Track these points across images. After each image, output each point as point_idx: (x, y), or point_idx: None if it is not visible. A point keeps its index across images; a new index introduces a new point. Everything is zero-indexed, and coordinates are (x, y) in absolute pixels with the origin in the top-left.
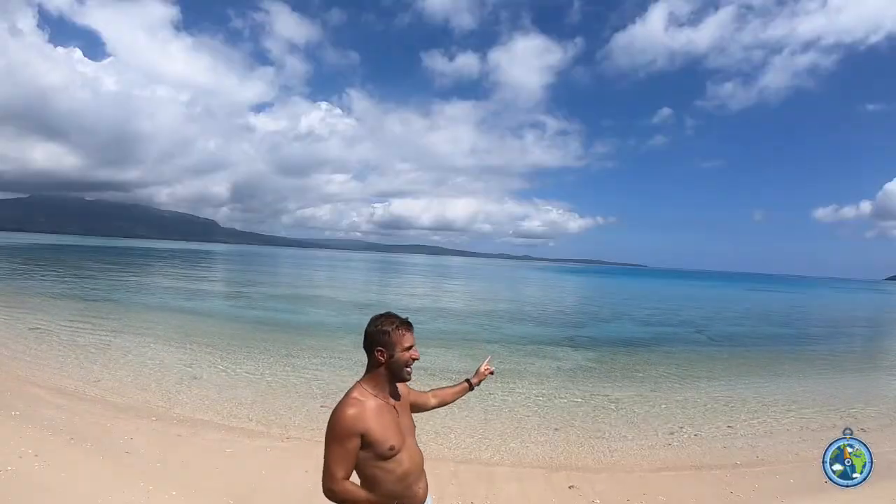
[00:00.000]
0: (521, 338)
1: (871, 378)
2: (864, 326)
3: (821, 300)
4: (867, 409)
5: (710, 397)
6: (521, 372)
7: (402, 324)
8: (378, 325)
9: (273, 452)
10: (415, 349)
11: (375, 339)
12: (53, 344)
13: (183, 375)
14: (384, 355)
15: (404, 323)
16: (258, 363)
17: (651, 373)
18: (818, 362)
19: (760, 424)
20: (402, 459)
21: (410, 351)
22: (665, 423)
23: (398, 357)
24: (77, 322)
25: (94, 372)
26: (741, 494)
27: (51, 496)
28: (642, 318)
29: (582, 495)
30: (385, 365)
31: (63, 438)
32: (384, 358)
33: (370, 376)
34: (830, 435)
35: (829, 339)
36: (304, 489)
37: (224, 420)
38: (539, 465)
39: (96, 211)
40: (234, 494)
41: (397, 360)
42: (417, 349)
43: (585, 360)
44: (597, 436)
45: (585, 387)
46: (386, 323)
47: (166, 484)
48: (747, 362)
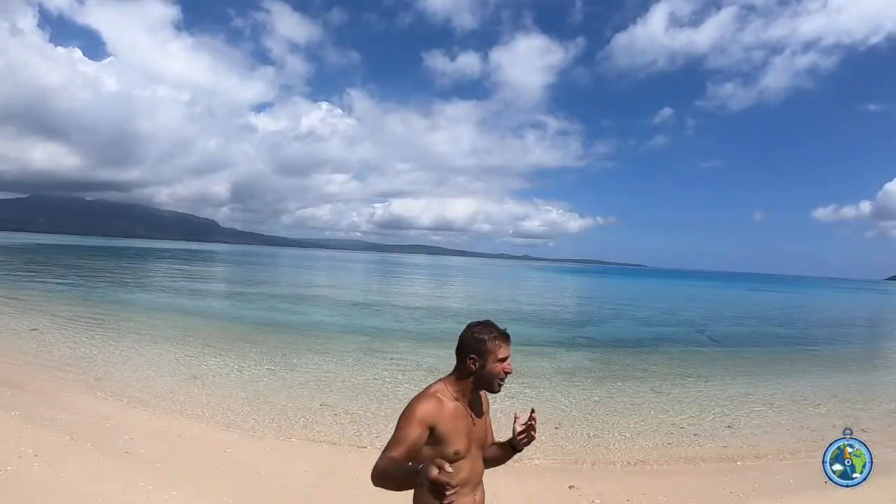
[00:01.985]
0: (521, 338)
1: (872, 378)
2: (863, 326)
3: (821, 300)
4: (867, 409)
5: (709, 397)
6: (521, 372)
7: (500, 335)
8: (474, 332)
9: (273, 452)
10: (509, 362)
11: (469, 347)
12: (53, 344)
13: (183, 375)
14: (476, 364)
15: (502, 334)
16: (258, 363)
17: (651, 373)
18: (818, 362)
19: (760, 424)
20: (463, 466)
21: (504, 364)
22: (665, 423)
23: (490, 368)
24: (77, 322)
25: (94, 372)
26: (741, 494)
27: (51, 496)
28: (642, 318)
29: (582, 495)
30: (475, 373)
31: (63, 438)
32: (475, 367)
33: (455, 379)
34: (830, 435)
35: (828, 338)
36: (304, 489)
37: (224, 420)
38: (539, 465)
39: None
40: (233, 494)
41: (489, 371)
42: (511, 362)
43: (585, 360)
44: (597, 435)
45: (585, 387)
46: (483, 332)
47: (166, 484)
48: (747, 362)
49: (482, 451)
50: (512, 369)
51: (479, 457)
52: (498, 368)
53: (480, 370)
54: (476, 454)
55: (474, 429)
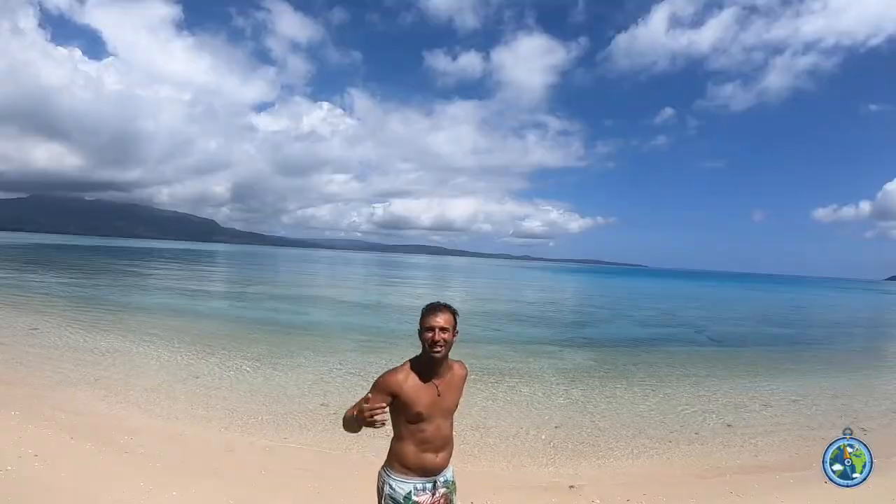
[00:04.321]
0: (521, 338)
1: (872, 378)
2: (863, 326)
3: (820, 300)
4: (867, 409)
5: (709, 397)
6: (522, 372)
7: (427, 308)
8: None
9: (273, 452)
10: (435, 332)
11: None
12: (53, 344)
13: (182, 375)
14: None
15: (431, 305)
16: (258, 363)
17: (651, 372)
18: (818, 362)
19: (760, 424)
20: (425, 428)
21: (426, 333)
22: (665, 423)
23: (422, 337)
24: (76, 322)
25: (93, 371)
26: (741, 494)
27: (51, 496)
28: (642, 319)
29: (582, 495)
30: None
31: (63, 438)
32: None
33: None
34: (830, 435)
35: (828, 338)
36: (305, 489)
37: (224, 420)
38: (539, 465)
39: (96, 211)
40: (234, 494)
41: (422, 339)
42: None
43: (585, 360)
44: (597, 435)
45: (585, 386)
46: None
47: (166, 484)
48: (747, 362)
49: (449, 419)
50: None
51: (447, 424)
52: (425, 336)
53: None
54: (442, 421)
55: (438, 399)
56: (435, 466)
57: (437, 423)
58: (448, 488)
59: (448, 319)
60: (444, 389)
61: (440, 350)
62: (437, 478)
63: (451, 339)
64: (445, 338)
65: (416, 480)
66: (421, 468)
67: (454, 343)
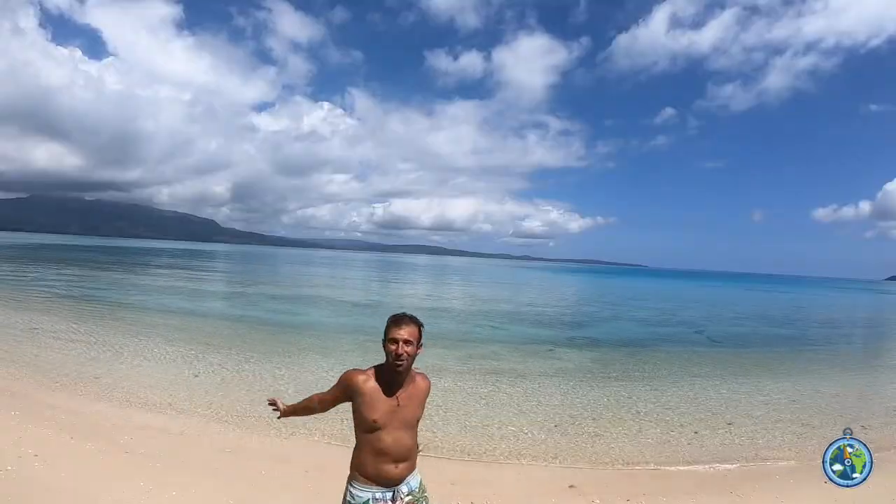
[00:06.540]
0: (521, 338)
1: (872, 378)
2: (863, 326)
3: (820, 300)
4: (867, 409)
5: (709, 396)
6: (522, 372)
7: (394, 318)
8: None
9: (273, 451)
10: (399, 345)
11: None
12: (53, 344)
13: (183, 375)
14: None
15: (396, 317)
16: (258, 363)
17: (651, 372)
18: (818, 362)
19: (760, 424)
20: (382, 437)
21: (390, 345)
22: (665, 423)
23: (386, 349)
24: (76, 322)
25: (94, 371)
26: (741, 494)
27: (51, 496)
28: (642, 318)
29: (582, 495)
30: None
31: (63, 438)
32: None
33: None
34: (830, 434)
35: (828, 338)
36: (305, 489)
37: (224, 419)
38: (539, 465)
39: (96, 211)
40: (234, 494)
41: (385, 351)
42: (403, 346)
43: (585, 360)
44: (597, 435)
45: (585, 386)
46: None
47: (166, 483)
48: (747, 362)
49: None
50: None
51: (408, 435)
52: (389, 348)
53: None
54: (402, 433)
55: (398, 409)
56: (393, 477)
57: (397, 435)
58: (414, 495)
59: (412, 332)
60: (405, 401)
61: (402, 363)
62: (400, 487)
63: (414, 353)
64: (409, 351)
65: (374, 490)
66: (379, 478)
67: (418, 356)
